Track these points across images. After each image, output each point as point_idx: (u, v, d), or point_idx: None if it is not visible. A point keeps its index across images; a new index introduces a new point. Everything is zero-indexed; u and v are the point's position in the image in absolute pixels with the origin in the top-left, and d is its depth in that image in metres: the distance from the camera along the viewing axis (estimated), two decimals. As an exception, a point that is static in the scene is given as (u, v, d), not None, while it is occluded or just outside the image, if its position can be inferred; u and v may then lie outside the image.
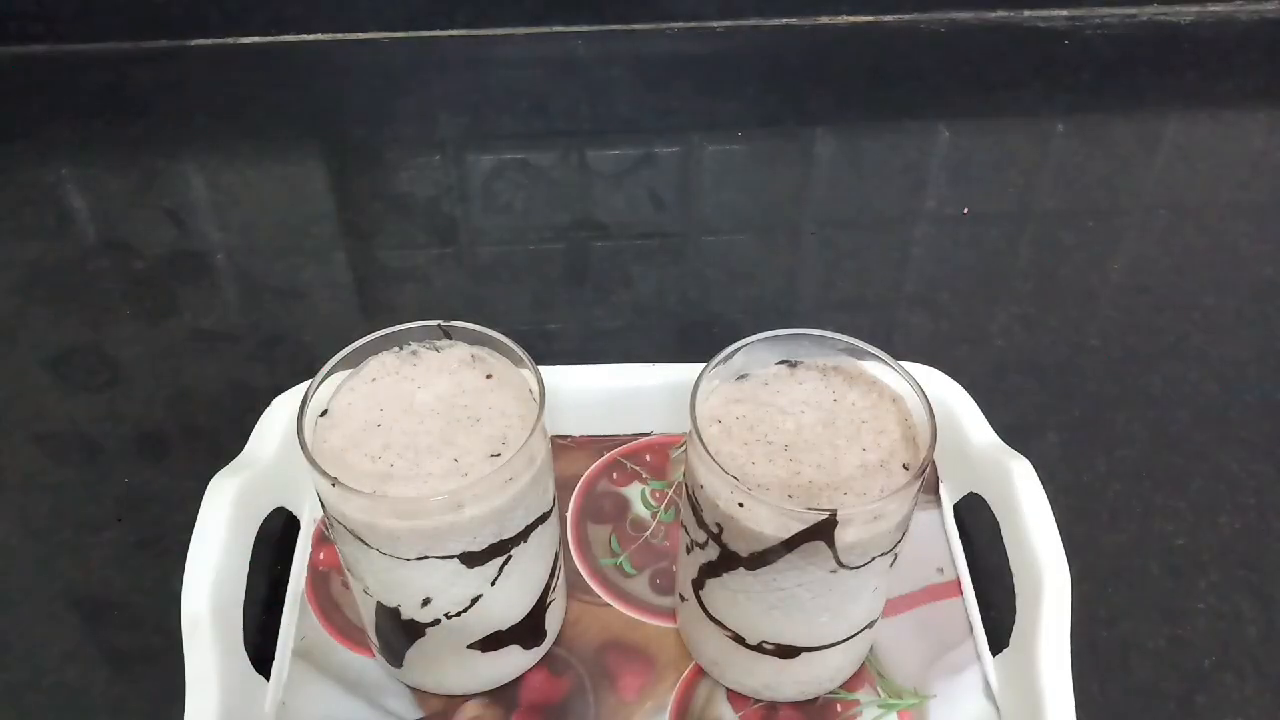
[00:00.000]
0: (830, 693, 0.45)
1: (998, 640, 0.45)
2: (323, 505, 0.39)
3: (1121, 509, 0.53)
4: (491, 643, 0.42)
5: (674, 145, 0.76)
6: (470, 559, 0.38)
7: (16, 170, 0.74)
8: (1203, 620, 0.49)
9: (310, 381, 0.39)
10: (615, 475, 0.53)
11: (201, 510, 0.43)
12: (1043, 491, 0.44)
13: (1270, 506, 0.53)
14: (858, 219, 0.71)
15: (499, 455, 0.38)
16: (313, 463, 0.36)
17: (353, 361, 0.41)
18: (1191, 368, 0.61)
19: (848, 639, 0.42)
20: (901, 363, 0.40)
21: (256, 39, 0.84)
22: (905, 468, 0.38)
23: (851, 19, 0.87)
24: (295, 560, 0.49)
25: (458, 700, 0.44)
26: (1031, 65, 0.85)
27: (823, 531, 0.36)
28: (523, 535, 0.39)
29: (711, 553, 0.40)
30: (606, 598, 0.48)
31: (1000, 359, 0.61)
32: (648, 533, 0.51)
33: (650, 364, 0.53)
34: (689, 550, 0.42)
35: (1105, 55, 0.85)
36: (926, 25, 0.87)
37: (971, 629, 0.47)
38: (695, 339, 0.61)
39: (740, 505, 0.37)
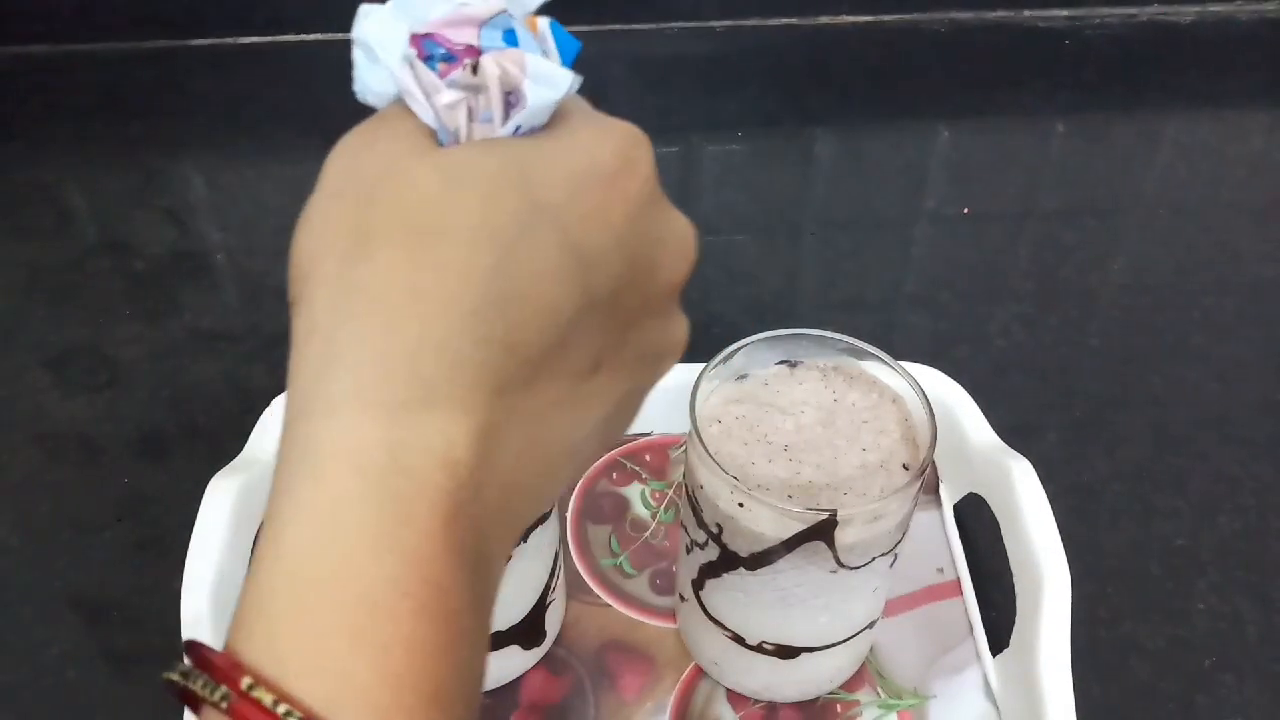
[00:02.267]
0: (830, 693, 0.45)
1: (998, 640, 0.45)
2: (322, 505, 0.38)
3: (1122, 509, 0.53)
4: (491, 643, 0.42)
5: (674, 145, 0.76)
6: (470, 559, 0.38)
7: (16, 170, 0.74)
8: (1203, 621, 0.49)
9: (310, 382, 0.39)
10: (615, 475, 0.53)
11: (201, 510, 0.43)
12: (1043, 491, 0.44)
13: (1270, 507, 0.53)
14: (858, 219, 0.71)
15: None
16: (312, 463, 0.36)
17: (352, 362, 0.40)
18: (1192, 368, 0.60)
19: (848, 639, 0.42)
20: (901, 363, 0.40)
21: (256, 39, 0.84)
22: (905, 468, 0.38)
23: (851, 19, 0.86)
24: (295, 560, 0.49)
25: (458, 700, 0.44)
26: (1032, 65, 0.84)
27: (823, 532, 0.36)
28: (522, 535, 0.39)
29: (711, 553, 0.40)
30: (606, 598, 0.48)
31: (1000, 359, 0.61)
32: (647, 533, 0.50)
33: (650, 364, 0.53)
34: (689, 550, 0.42)
35: (1105, 55, 0.85)
36: (926, 25, 0.86)
37: (971, 629, 0.47)
38: (695, 339, 0.61)
39: (740, 505, 0.37)
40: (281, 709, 0.18)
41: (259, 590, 0.20)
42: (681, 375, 0.51)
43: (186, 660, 0.20)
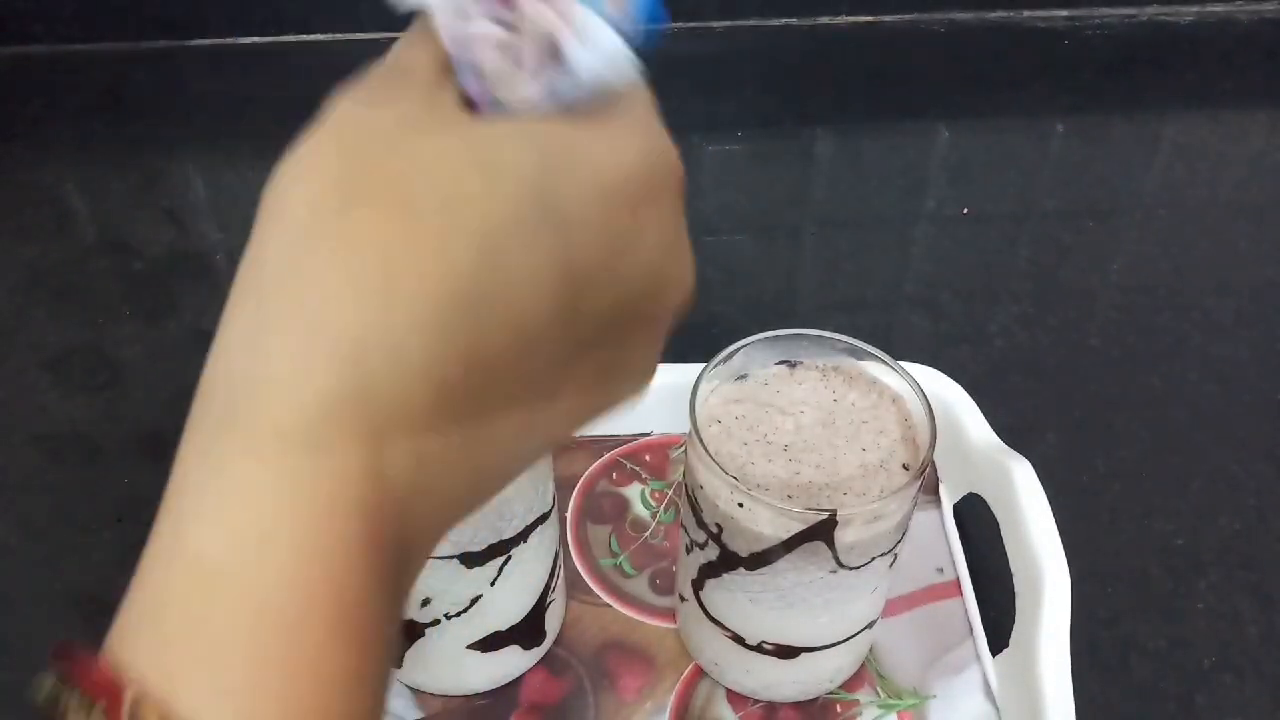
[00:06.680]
0: (830, 693, 0.45)
1: (998, 640, 0.45)
2: (322, 505, 0.38)
3: (1121, 509, 0.53)
4: (491, 643, 0.42)
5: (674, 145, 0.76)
6: (470, 559, 0.38)
7: (16, 170, 0.74)
8: (1202, 620, 0.49)
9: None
10: (615, 475, 0.53)
11: (201, 510, 0.43)
12: (1042, 492, 0.44)
13: (1270, 507, 0.53)
14: (858, 219, 0.71)
15: (499, 455, 0.38)
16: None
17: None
18: (1191, 368, 0.60)
19: (847, 639, 0.42)
20: (901, 363, 0.41)
21: (256, 39, 0.84)
22: (905, 468, 0.38)
23: (851, 19, 0.86)
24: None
25: (458, 700, 0.44)
26: (1031, 65, 0.85)
27: (822, 532, 0.36)
28: (522, 535, 0.39)
29: (711, 553, 0.40)
30: (606, 598, 0.48)
31: (1000, 359, 0.61)
32: (647, 533, 0.50)
33: (650, 364, 0.53)
34: (689, 550, 0.42)
35: (1105, 55, 0.85)
36: (926, 25, 0.87)
37: (971, 629, 0.47)
38: (695, 339, 0.61)
39: (740, 505, 0.37)
40: None
41: (151, 590, 0.17)
42: (681, 375, 0.51)
43: (55, 671, 0.17)
